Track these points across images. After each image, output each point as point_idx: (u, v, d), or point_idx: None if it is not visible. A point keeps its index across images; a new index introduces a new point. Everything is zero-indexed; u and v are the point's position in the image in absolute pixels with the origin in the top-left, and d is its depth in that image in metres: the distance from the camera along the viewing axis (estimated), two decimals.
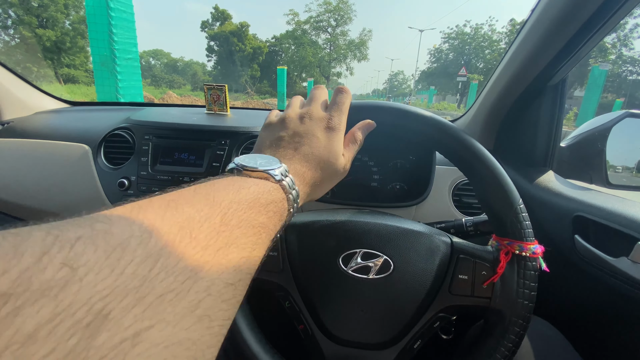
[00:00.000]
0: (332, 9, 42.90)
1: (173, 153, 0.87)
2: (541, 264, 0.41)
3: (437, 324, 0.44)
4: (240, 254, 0.21)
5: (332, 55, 45.12)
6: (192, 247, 0.18)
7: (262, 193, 0.27)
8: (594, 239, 0.59)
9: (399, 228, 0.46)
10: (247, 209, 0.24)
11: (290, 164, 0.33)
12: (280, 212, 0.28)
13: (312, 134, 0.36)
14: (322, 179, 0.36)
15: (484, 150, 0.43)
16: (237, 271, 0.21)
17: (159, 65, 54.80)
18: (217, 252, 0.19)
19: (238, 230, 0.22)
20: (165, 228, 0.18)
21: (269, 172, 0.30)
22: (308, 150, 0.35)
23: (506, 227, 0.42)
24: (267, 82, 41.64)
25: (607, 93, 27.64)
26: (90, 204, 0.87)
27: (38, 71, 25.12)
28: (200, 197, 0.22)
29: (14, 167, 0.94)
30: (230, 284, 0.20)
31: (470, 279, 0.43)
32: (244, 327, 0.44)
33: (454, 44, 42.66)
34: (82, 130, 0.95)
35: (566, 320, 0.65)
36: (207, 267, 0.18)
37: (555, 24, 0.61)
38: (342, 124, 0.38)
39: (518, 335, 0.40)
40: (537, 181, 0.76)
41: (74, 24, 25.89)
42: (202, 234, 0.19)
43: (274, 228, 0.27)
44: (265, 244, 0.25)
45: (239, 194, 0.25)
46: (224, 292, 0.19)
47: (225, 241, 0.20)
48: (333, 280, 0.44)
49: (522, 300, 0.40)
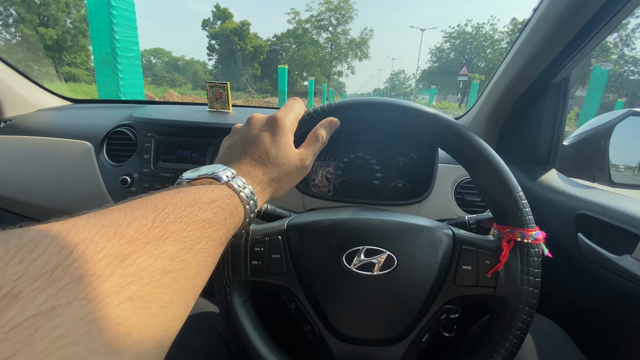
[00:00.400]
0: (333, 8, 42.83)
1: (175, 150, 0.87)
2: (544, 249, 0.42)
3: (444, 316, 0.44)
4: (179, 246, 0.23)
5: (333, 54, 45.06)
6: (116, 240, 0.20)
7: (205, 192, 0.29)
8: (597, 237, 0.59)
9: (401, 223, 0.46)
10: (187, 207, 0.26)
11: (239, 167, 0.36)
12: (229, 208, 0.30)
13: (259, 136, 0.39)
14: (278, 175, 0.38)
15: (481, 141, 0.43)
16: (175, 260, 0.22)
17: (160, 63, 54.80)
18: (147, 244, 0.21)
19: (175, 225, 0.24)
20: (87, 227, 0.19)
21: (211, 177, 0.33)
22: (255, 150, 0.38)
23: (507, 215, 0.42)
24: (268, 81, 41.63)
25: (609, 93, 27.57)
26: (93, 200, 0.88)
27: (39, 69, 25.15)
28: (133, 203, 0.25)
29: (17, 164, 0.94)
30: (169, 271, 0.21)
31: (474, 269, 0.43)
32: (251, 331, 0.45)
33: (455, 43, 42.58)
34: (85, 128, 0.95)
35: (569, 318, 0.65)
36: (134, 256, 0.20)
37: (559, 22, 0.61)
38: (288, 123, 0.40)
39: (525, 322, 0.40)
40: (540, 179, 0.76)
41: (75, 22, 25.90)
42: (131, 230, 0.21)
43: (223, 223, 0.29)
44: (214, 238, 0.27)
45: (176, 196, 0.27)
46: (160, 277, 0.21)
47: (159, 235, 0.22)
48: (338, 279, 0.44)
49: (527, 287, 0.40)
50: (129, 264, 0.19)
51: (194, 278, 0.24)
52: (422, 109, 0.45)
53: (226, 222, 0.29)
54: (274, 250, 0.46)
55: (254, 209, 0.35)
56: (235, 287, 0.45)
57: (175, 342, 0.49)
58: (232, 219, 0.30)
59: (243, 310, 0.45)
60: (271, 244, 0.46)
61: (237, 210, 0.32)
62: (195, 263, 0.24)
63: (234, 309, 0.45)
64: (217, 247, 0.28)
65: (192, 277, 0.24)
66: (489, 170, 0.42)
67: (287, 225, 0.48)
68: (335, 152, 0.92)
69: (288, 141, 0.39)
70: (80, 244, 0.18)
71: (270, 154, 0.38)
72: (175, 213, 0.25)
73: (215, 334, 0.54)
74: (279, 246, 0.46)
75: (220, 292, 0.45)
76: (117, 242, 0.19)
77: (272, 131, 0.39)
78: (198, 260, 0.25)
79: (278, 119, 0.40)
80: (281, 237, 0.47)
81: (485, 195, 0.45)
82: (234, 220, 0.31)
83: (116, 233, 0.20)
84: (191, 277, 0.24)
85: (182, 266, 0.23)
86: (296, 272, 0.46)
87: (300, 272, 0.46)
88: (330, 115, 0.44)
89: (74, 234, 0.18)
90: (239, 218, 0.32)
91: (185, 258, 0.23)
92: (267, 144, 0.38)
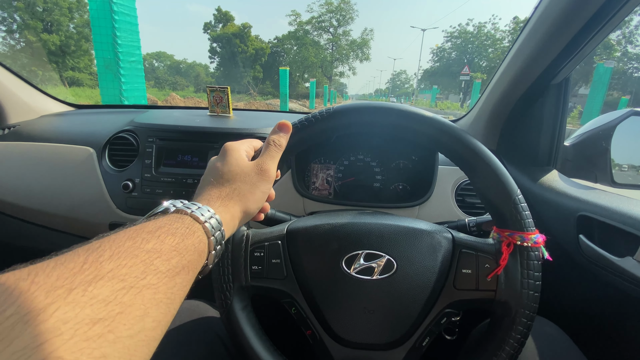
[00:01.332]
0: (333, 9, 42.88)
1: (176, 155, 0.87)
2: (544, 253, 0.41)
3: (445, 320, 0.44)
4: (117, 286, 0.21)
5: (334, 55, 45.11)
6: (30, 293, 0.17)
7: (149, 223, 0.28)
8: (599, 238, 0.58)
9: (400, 227, 0.46)
10: (127, 241, 0.24)
11: (195, 197, 0.37)
12: (180, 232, 0.28)
13: (212, 165, 0.41)
14: (236, 187, 0.38)
15: (480, 144, 0.43)
16: (111, 304, 0.20)
17: (163, 67, 55.09)
18: (72, 291, 0.19)
19: (111, 263, 0.22)
20: (8, 283, 0.18)
21: (159, 211, 0.31)
22: (209, 178, 0.39)
23: (506, 219, 0.42)
24: (269, 83, 41.73)
25: (613, 90, 27.37)
26: (95, 206, 0.88)
27: (43, 74, 25.37)
28: (69, 251, 0.22)
29: (21, 170, 0.95)
30: (100, 319, 0.19)
31: (474, 273, 0.43)
32: (251, 336, 0.45)
33: (456, 43, 42.46)
34: (87, 133, 0.96)
35: (571, 320, 0.65)
36: (51, 308, 0.17)
37: (558, 22, 0.61)
38: (236, 144, 0.42)
39: (526, 326, 0.40)
40: (541, 180, 0.76)
41: (78, 27, 26.12)
42: (52, 278, 0.19)
43: (175, 250, 0.27)
44: (164, 269, 0.25)
45: (115, 234, 0.25)
46: (87, 329, 0.18)
47: (89, 277, 0.20)
48: (337, 283, 0.44)
49: (527, 291, 0.40)
50: (45, 319, 0.17)
51: (140, 321, 0.21)
52: (419, 112, 0.44)
53: (178, 247, 0.27)
54: (273, 255, 0.46)
55: (219, 227, 0.33)
56: (236, 292, 0.45)
57: (176, 347, 0.49)
58: (186, 242, 0.28)
59: (243, 315, 0.45)
60: (271, 249, 0.47)
61: (192, 231, 0.29)
62: (139, 303, 0.22)
63: (235, 314, 0.45)
64: (170, 278, 0.25)
65: (135, 320, 0.21)
66: (487, 174, 0.42)
67: (287, 230, 0.48)
68: (335, 155, 0.92)
69: (238, 156, 0.40)
70: None
71: (222, 172, 0.39)
72: (111, 249, 0.23)
73: (216, 339, 0.54)
74: (279, 251, 0.47)
75: (221, 297, 0.45)
76: (31, 295, 0.17)
77: (222, 155, 0.41)
78: (144, 298, 0.22)
79: (226, 145, 0.42)
80: (281, 242, 0.47)
81: (484, 199, 0.45)
82: (191, 243, 0.29)
83: (32, 284, 0.18)
84: (135, 321, 0.21)
85: (119, 310, 0.20)
86: (296, 276, 0.46)
87: (300, 277, 0.46)
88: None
89: None
90: (199, 239, 0.30)
91: (123, 300, 0.21)
92: (219, 166, 0.40)
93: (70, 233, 0.97)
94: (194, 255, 0.29)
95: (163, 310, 0.24)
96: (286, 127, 0.44)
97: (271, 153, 0.42)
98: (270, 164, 0.41)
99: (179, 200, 0.34)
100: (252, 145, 0.44)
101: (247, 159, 0.41)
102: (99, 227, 0.90)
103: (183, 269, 0.27)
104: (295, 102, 20.31)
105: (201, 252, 0.30)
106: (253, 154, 0.44)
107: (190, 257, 0.28)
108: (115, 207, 0.86)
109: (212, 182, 0.39)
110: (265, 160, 0.41)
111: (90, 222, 0.90)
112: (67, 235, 0.97)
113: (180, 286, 0.26)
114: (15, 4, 23.44)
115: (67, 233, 0.97)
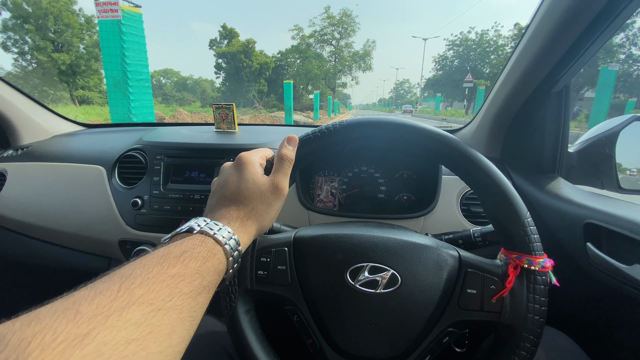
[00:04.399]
0: (335, 22, 43.55)
1: (184, 172, 0.89)
2: (551, 278, 0.41)
3: (447, 339, 0.44)
4: (146, 309, 0.24)
5: (337, 67, 45.62)
6: (75, 322, 0.20)
7: (175, 247, 0.30)
8: (607, 246, 0.58)
9: (406, 242, 0.46)
10: (155, 267, 0.27)
11: (213, 213, 0.39)
12: (202, 255, 0.31)
13: (227, 179, 0.41)
14: (253, 207, 0.40)
15: (488, 162, 0.43)
16: (142, 326, 0.23)
17: (170, 83, 56.29)
18: (109, 317, 0.22)
19: (141, 289, 0.25)
20: (49, 314, 0.20)
21: (185, 230, 0.34)
22: (226, 193, 0.40)
23: (514, 241, 0.41)
24: (274, 96, 42.26)
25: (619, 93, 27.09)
26: (106, 224, 0.90)
27: (54, 94, 26.07)
28: (105, 277, 0.25)
29: (34, 189, 0.98)
30: (133, 340, 0.22)
31: (479, 293, 0.42)
32: (252, 339, 0.45)
33: (458, 51, 42.66)
34: (97, 152, 0.99)
35: (580, 329, 0.63)
36: (94, 333, 0.20)
37: (555, 31, 0.61)
38: (252, 156, 0.43)
39: (529, 351, 0.39)
40: (546, 188, 0.75)
41: (87, 47, 26.92)
42: (93, 306, 0.22)
43: (197, 272, 0.29)
44: (187, 291, 0.27)
45: (145, 259, 0.28)
46: (124, 348, 0.21)
47: (123, 304, 0.23)
48: (341, 295, 0.44)
49: (532, 316, 0.39)
50: (88, 342, 0.20)
51: (167, 338, 0.24)
52: (427, 128, 0.45)
53: (200, 270, 0.30)
54: (279, 261, 0.47)
55: (237, 247, 0.36)
56: (240, 295, 0.46)
57: None
58: (207, 265, 0.31)
59: (246, 318, 0.46)
60: (277, 255, 0.47)
61: (213, 254, 0.32)
62: (166, 323, 0.25)
63: (238, 317, 0.45)
64: (192, 299, 0.28)
65: (164, 338, 0.24)
66: (496, 194, 0.42)
67: (294, 238, 0.49)
68: (339, 167, 0.93)
69: (254, 171, 0.41)
70: (40, 332, 0.19)
71: (240, 189, 0.40)
72: (142, 276, 0.26)
73: (223, 353, 0.54)
74: (285, 257, 0.47)
75: (226, 300, 0.45)
76: (76, 323, 0.20)
77: (238, 169, 0.42)
78: (170, 318, 0.25)
79: (240, 157, 0.43)
80: (287, 248, 0.47)
81: (493, 219, 0.45)
82: (212, 265, 0.31)
83: (77, 314, 0.21)
84: (163, 339, 0.24)
85: (149, 330, 0.23)
86: (300, 284, 0.46)
87: (304, 285, 0.46)
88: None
89: (34, 324, 0.19)
90: (218, 261, 0.33)
91: (152, 321, 0.24)
92: (235, 182, 0.40)
93: (81, 250, 0.99)
94: (214, 275, 0.32)
95: (187, 327, 0.27)
96: (294, 140, 0.45)
97: (284, 170, 0.43)
98: (284, 181, 0.42)
99: (201, 218, 0.36)
100: (264, 155, 0.45)
101: (262, 174, 0.42)
102: (108, 245, 0.92)
103: (204, 289, 0.30)
104: (299, 114, 20.50)
105: (220, 272, 0.33)
106: (266, 164, 0.45)
107: (211, 278, 0.31)
108: (124, 224, 0.88)
109: (230, 198, 0.40)
110: (279, 179, 0.42)
111: (101, 239, 0.92)
112: (79, 252, 0.99)
113: (201, 304, 0.29)
114: (27, 26, 24.32)
115: (78, 250, 0.99)
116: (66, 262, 1.00)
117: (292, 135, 0.46)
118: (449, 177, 0.82)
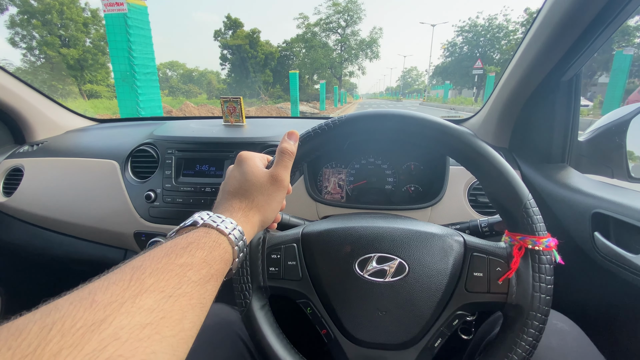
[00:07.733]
0: (341, 10, 42.76)
1: (194, 165, 0.91)
2: (555, 257, 0.42)
3: (457, 322, 0.45)
4: (158, 297, 0.25)
5: (343, 55, 44.99)
6: (92, 309, 0.22)
7: (181, 239, 0.32)
8: (615, 235, 0.58)
9: (412, 231, 0.47)
10: (163, 258, 0.29)
11: (217, 208, 0.41)
12: (208, 246, 0.33)
13: (230, 175, 0.44)
14: (254, 198, 0.42)
15: (489, 148, 0.44)
16: (155, 311, 0.24)
17: (176, 76, 56.33)
18: (124, 304, 0.23)
19: (151, 278, 0.26)
20: (67, 303, 0.22)
21: (189, 224, 0.36)
22: (229, 188, 0.42)
23: (517, 223, 0.42)
24: (279, 87, 42.03)
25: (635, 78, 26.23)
26: (120, 216, 0.93)
27: (63, 88, 26.36)
28: (116, 269, 0.27)
29: (51, 184, 1.01)
30: (147, 324, 0.23)
31: (485, 276, 0.44)
32: (269, 334, 0.47)
33: (467, 37, 41.60)
34: (110, 147, 1.01)
35: (586, 316, 0.64)
36: (110, 318, 0.22)
37: (564, 19, 0.61)
38: (250, 153, 0.45)
39: (538, 329, 0.40)
40: (555, 178, 0.75)
41: (94, 41, 27.04)
42: (107, 295, 0.23)
43: (204, 261, 0.31)
44: (195, 279, 0.29)
45: (153, 251, 0.30)
46: (139, 332, 0.22)
47: (135, 292, 0.24)
48: (351, 285, 0.46)
49: (539, 294, 0.40)
50: (106, 327, 0.21)
51: (179, 323, 0.26)
52: (427, 118, 0.46)
53: (207, 259, 0.31)
54: (289, 257, 0.49)
55: (242, 237, 0.37)
56: (254, 292, 0.48)
57: (203, 346, 0.53)
58: (213, 254, 0.32)
59: (262, 313, 0.48)
60: (287, 252, 0.49)
61: (218, 243, 0.34)
62: (177, 309, 0.26)
63: (253, 313, 0.47)
64: (201, 286, 0.30)
65: (175, 323, 0.25)
66: (498, 178, 0.43)
67: (302, 234, 0.50)
68: (346, 159, 0.94)
69: (253, 164, 0.44)
70: (59, 320, 0.20)
71: (241, 183, 0.42)
72: (151, 267, 0.27)
73: (237, 339, 0.57)
74: (294, 253, 0.49)
75: (240, 297, 0.47)
76: (93, 311, 0.22)
77: (238, 165, 0.44)
78: (181, 304, 0.27)
79: (241, 155, 0.45)
80: (296, 244, 0.49)
81: (495, 203, 0.46)
82: (218, 254, 0.33)
83: (93, 302, 0.22)
84: (175, 323, 0.25)
85: (162, 315, 0.24)
86: (311, 278, 0.48)
87: (314, 279, 0.48)
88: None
89: (54, 313, 0.21)
90: (224, 250, 0.34)
91: (164, 307, 0.25)
92: (236, 177, 0.43)
93: (98, 242, 1.02)
94: (221, 264, 0.33)
95: (197, 313, 0.28)
96: (295, 135, 0.47)
97: (284, 162, 0.44)
98: (284, 173, 0.44)
99: (205, 212, 0.38)
100: (265, 157, 0.47)
101: (261, 168, 0.44)
102: (124, 236, 0.95)
103: (212, 277, 0.31)
104: (305, 104, 20.32)
105: (227, 260, 0.35)
106: (267, 162, 0.46)
107: (218, 266, 0.33)
108: (139, 217, 0.91)
109: (232, 192, 0.42)
110: (279, 171, 0.43)
111: (116, 231, 0.95)
112: (96, 244, 1.02)
113: (210, 292, 0.31)
114: (33, 22, 24.48)
115: (95, 242, 1.02)
116: (85, 254, 1.04)
117: (293, 130, 0.47)
118: (456, 167, 0.82)
